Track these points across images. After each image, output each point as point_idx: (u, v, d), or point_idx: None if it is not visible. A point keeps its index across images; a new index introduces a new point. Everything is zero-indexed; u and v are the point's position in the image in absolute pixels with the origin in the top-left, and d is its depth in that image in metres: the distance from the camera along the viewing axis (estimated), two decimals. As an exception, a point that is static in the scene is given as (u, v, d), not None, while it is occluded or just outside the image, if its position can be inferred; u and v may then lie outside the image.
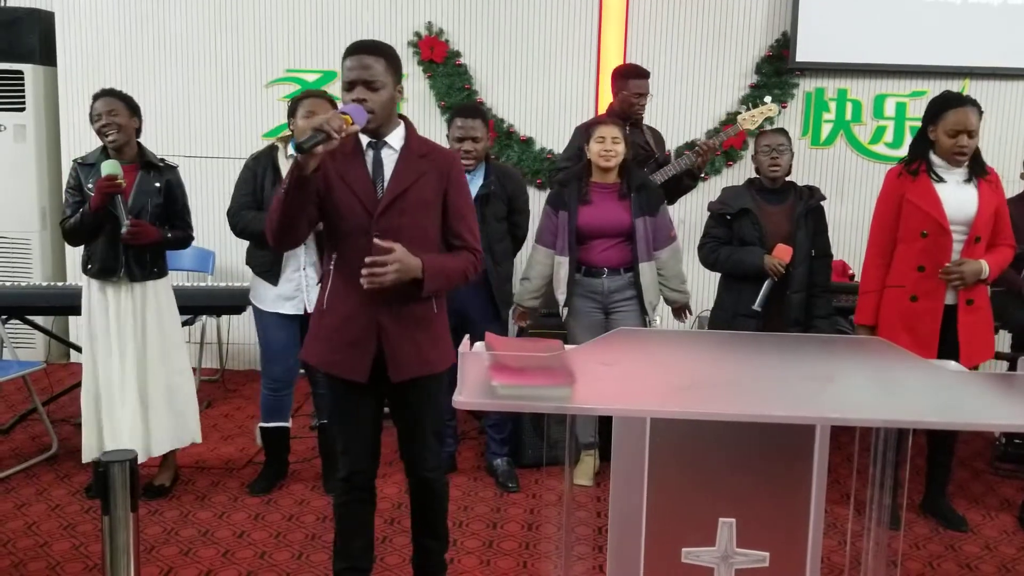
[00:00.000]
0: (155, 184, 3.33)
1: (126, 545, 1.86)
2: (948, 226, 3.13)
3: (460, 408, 1.62)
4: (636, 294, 3.58)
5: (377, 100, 2.28)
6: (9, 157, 5.24)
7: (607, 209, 3.56)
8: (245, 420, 4.42)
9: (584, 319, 3.60)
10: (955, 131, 3.11)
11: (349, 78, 2.28)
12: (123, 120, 3.25)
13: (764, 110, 4.29)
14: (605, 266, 3.58)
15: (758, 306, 3.43)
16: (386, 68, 2.30)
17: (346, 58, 2.31)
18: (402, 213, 2.32)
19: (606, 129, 3.54)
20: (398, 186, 2.33)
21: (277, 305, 3.40)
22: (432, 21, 5.11)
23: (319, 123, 2.11)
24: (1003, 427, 2.96)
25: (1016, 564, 3.13)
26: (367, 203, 2.32)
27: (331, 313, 2.39)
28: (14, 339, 5.10)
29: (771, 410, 1.65)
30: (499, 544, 3.17)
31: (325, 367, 2.43)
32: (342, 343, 2.37)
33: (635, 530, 1.76)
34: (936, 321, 3.17)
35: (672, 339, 2.35)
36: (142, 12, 5.18)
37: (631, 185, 3.58)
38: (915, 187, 3.18)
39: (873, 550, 1.99)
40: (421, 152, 2.39)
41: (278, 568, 2.97)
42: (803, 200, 3.51)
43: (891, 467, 1.94)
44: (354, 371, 2.37)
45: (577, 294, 3.61)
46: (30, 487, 3.56)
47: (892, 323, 3.23)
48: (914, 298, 3.19)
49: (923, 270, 3.18)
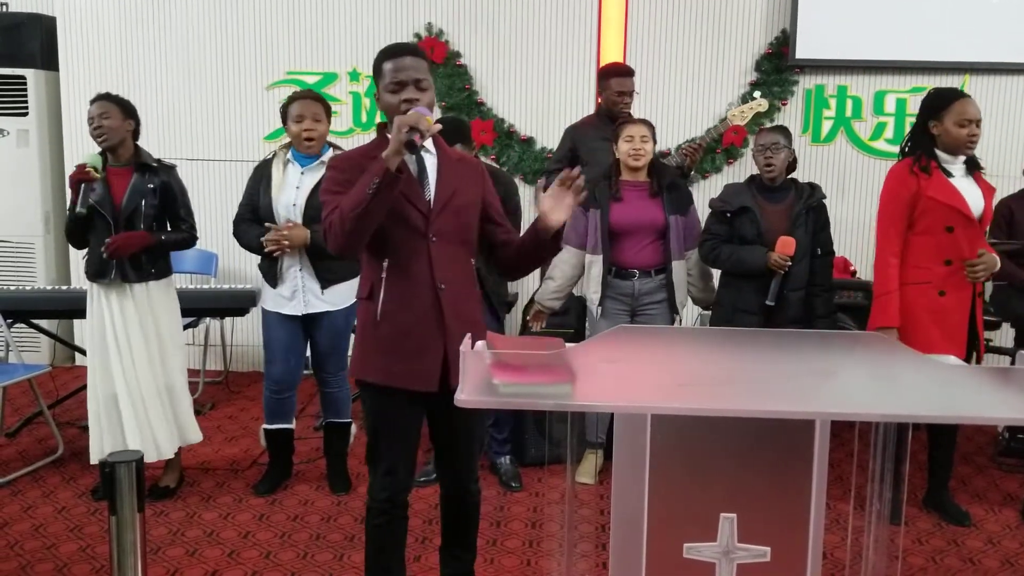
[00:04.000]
0: (149, 185, 3.32)
1: (133, 545, 1.88)
2: (975, 218, 3.16)
3: (462, 407, 1.63)
4: (666, 296, 3.58)
5: (426, 99, 2.24)
6: (12, 162, 5.27)
7: (641, 207, 3.56)
8: (249, 421, 4.44)
9: (612, 320, 3.58)
10: (966, 120, 3.12)
11: (399, 79, 2.22)
12: (115, 123, 3.26)
13: (753, 105, 4.30)
14: (636, 267, 3.57)
15: (771, 300, 3.42)
16: (428, 69, 2.27)
17: (388, 60, 2.25)
18: (455, 214, 2.30)
19: (635, 128, 3.54)
20: (448, 188, 2.31)
21: (279, 305, 3.43)
22: (432, 22, 5.12)
23: (412, 121, 2.07)
24: (1002, 421, 2.96)
25: (1019, 558, 3.13)
26: (421, 206, 2.27)
27: (389, 323, 2.27)
28: (19, 343, 5.11)
29: (771, 405, 1.66)
30: (503, 542, 3.18)
31: (388, 381, 2.29)
32: (407, 352, 2.27)
33: (637, 526, 1.77)
34: (964, 313, 3.20)
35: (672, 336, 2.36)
36: (143, 16, 5.19)
37: (661, 184, 3.59)
38: (932, 183, 3.15)
39: (874, 545, 2.00)
40: (454, 156, 2.40)
41: (283, 568, 2.98)
42: (803, 198, 3.51)
43: (891, 462, 1.95)
44: (423, 380, 2.27)
45: (606, 296, 3.61)
46: (37, 489, 3.58)
47: (919, 320, 3.19)
48: (942, 292, 3.19)
49: (950, 264, 3.18)
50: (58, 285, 5.20)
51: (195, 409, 3.58)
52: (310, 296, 3.40)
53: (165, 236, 3.37)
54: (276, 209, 3.35)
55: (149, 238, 3.32)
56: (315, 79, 5.17)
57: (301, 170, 3.38)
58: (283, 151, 3.42)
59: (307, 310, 3.41)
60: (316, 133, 3.34)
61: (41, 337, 5.03)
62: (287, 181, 3.37)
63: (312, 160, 3.38)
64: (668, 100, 5.09)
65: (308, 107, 3.33)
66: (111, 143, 3.28)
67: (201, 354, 5.02)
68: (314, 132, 3.33)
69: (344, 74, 5.19)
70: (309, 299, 3.40)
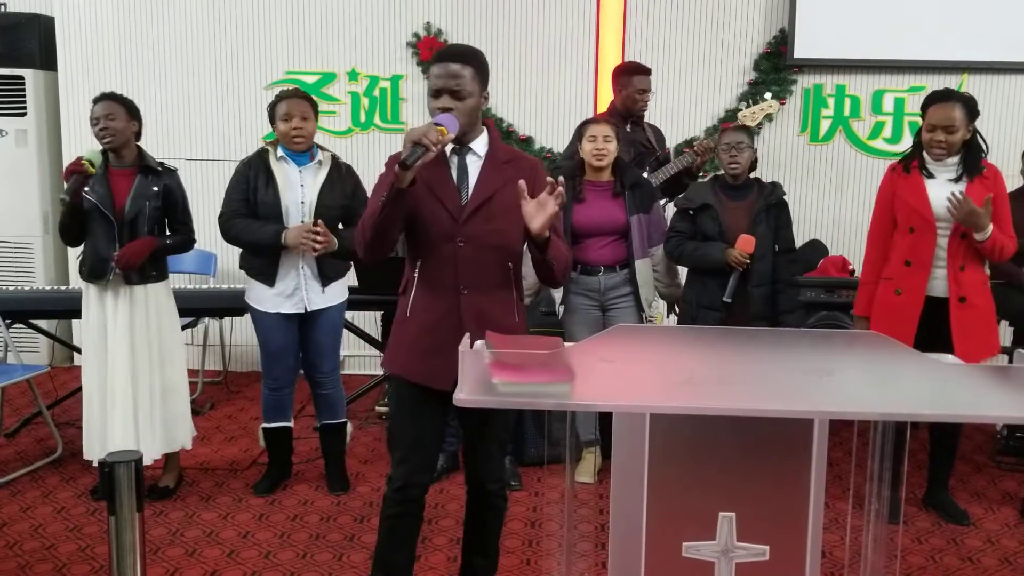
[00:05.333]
0: (153, 188, 3.33)
1: (132, 545, 1.88)
2: (933, 221, 3.17)
3: (461, 405, 1.63)
4: (632, 291, 3.61)
5: (463, 108, 2.26)
6: (11, 162, 5.27)
7: (601, 207, 3.59)
8: (248, 421, 4.44)
9: (581, 316, 3.62)
10: (932, 126, 3.18)
11: (436, 86, 2.26)
12: (120, 124, 3.26)
13: (764, 107, 4.30)
14: (601, 264, 3.60)
15: (728, 297, 3.50)
16: (473, 76, 2.27)
17: (433, 64, 2.29)
18: (488, 219, 2.30)
19: (597, 128, 3.57)
20: (483, 192, 2.32)
21: (277, 305, 3.40)
22: (431, 22, 5.12)
23: (417, 136, 2.10)
24: (999, 419, 2.97)
25: (1017, 557, 3.14)
26: (452, 210, 2.29)
27: (414, 321, 2.36)
28: (18, 343, 5.12)
29: (770, 404, 1.66)
30: (502, 542, 3.16)
31: (409, 375, 2.37)
32: (427, 351, 2.33)
33: (636, 525, 1.77)
34: (915, 315, 3.22)
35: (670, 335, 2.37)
36: (141, 16, 5.19)
37: (624, 183, 3.60)
38: (906, 183, 3.25)
39: (872, 544, 2.01)
40: (505, 158, 2.39)
41: (283, 568, 2.98)
42: (764, 196, 3.56)
43: (890, 461, 1.95)
44: (439, 379, 2.31)
45: (573, 292, 3.63)
46: (36, 490, 3.58)
47: (879, 315, 3.31)
48: (898, 292, 3.25)
49: (909, 264, 3.23)
50: (57, 285, 5.20)
51: (195, 409, 3.59)
52: (312, 293, 3.40)
53: (169, 240, 3.38)
54: (285, 207, 3.34)
55: (155, 243, 3.32)
56: (314, 79, 5.17)
57: (299, 169, 3.38)
58: (273, 148, 3.41)
59: (309, 307, 3.40)
60: (304, 132, 3.34)
61: (40, 337, 5.03)
62: (289, 180, 3.37)
63: (306, 158, 3.39)
64: (666, 99, 5.08)
65: (296, 106, 3.33)
66: (115, 144, 3.28)
67: (200, 354, 5.02)
68: (302, 131, 3.33)
69: (343, 74, 5.19)
70: (311, 296, 3.40)
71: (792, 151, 5.15)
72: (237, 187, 3.39)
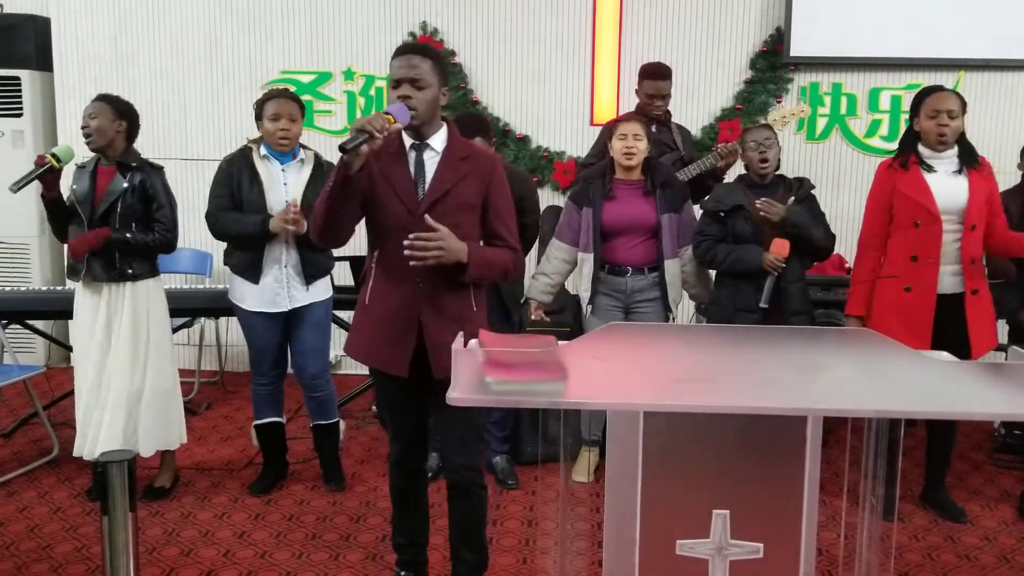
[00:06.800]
0: (123, 184, 3.29)
1: (125, 545, 1.88)
2: (939, 215, 3.15)
3: (454, 404, 1.63)
4: (660, 294, 3.57)
5: (421, 98, 2.34)
6: (7, 163, 5.24)
7: (632, 206, 3.55)
8: (244, 421, 4.43)
9: (603, 316, 3.57)
10: (935, 111, 3.16)
11: (396, 76, 2.35)
12: (102, 123, 3.26)
13: (796, 111, 4.21)
14: (629, 264, 3.57)
15: (764, 303, 3.41)
16: (432, 68, 2.36)
17: (394, 58, 2.38)
18: (443, 214, 2.36)
19: (627, 126, 3.53)
20: (439, 188, 2.39)
21: (260, 305, 3.40)
22: (427, 21, 5.11)
23: (361, 124, 2.17)
24: (994, 416, 2.97)
25: (1015, 554, 3.14)
26: (409, 203, 2.38)
27: (373, 309, 2.47)
28: (14, 343, 5.12)
29: (764, 402, 1.66)
30: (499, 540, 3.18)
31: (368, 361, 2.55)
32: (383, 339, 2.45)
33: (630, 522, 1.77)
34: (930, 311, 3.19)
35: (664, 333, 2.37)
36: (137, 17, 5.18)
37: (655, 182, 3.57)
38: (906, 178, 3.22)
39: (868, 541, 2.00)
40: (463, 155, 2.44)
41: (279, 568, 2.98)
42: (793, 191, 3.52)
43: (884, 458, 1.95)
44: (395, 366, 2.44)
45: (599, 292, 3.60)
46: (32, 490, 3.58)
47: (885, 313, 3.25)
48: (908, 288, 3.21)
49: (916, 260, 3.20)
50: (53, 286, 5.19)
51: (191, 409, 3.57)
52: (294, 291, 3.39)
53: (131, 235, 3.27)
54: (270, 205, 3.33)
55: (108, 234, 3.25)
56: (310, 78, 5.16)
57: (282, 167, 3.38)
58: (256, 146, 3.40)
59: (292, 305, 3.40)
60: (291, 133, 3.34)
61: (36, 338, 5.02)
62: (273, 178, 3.36)
63: (288, 156, 3.39)
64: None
65: (284, 106, 3.32)
66: (96, 144, 3.28)
67: (196, 354, 5.01)
68: (289, 132, 3.33)
69: (339, 73, 5.18)
70: (294, 294, 3.39)
71: (789, 149, 5.14)
72: (221, 184, 3.38)
